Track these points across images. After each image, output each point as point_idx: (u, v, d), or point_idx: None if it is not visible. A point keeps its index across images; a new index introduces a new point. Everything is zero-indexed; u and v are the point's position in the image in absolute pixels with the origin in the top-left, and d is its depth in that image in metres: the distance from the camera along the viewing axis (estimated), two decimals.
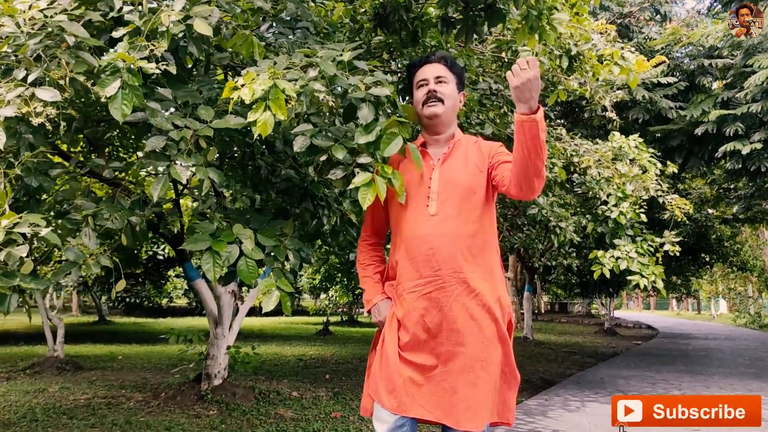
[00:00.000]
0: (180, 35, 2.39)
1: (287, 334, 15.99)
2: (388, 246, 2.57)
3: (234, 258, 2.47)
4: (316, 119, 2.42)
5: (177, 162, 2.35)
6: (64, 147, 6.83)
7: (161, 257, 15.22)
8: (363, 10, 4.06)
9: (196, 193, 3.53)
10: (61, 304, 31.14)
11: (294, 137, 2.39)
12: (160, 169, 2.30)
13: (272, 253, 2.64)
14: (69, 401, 6.08)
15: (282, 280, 2.52)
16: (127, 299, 17.25)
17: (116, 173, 2.85)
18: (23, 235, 1.95)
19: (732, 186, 14.38)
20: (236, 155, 3.10)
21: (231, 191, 2.76)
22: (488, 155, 2.33)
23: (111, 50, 2.19)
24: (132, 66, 2.12)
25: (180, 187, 4.79)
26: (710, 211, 16.58)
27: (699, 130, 9.25)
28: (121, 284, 2.39)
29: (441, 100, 2.32)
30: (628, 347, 14.64)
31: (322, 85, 2.18)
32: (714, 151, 9.44)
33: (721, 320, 34.75)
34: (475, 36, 4.15)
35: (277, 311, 27.90)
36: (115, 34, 2.22)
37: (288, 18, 3.06)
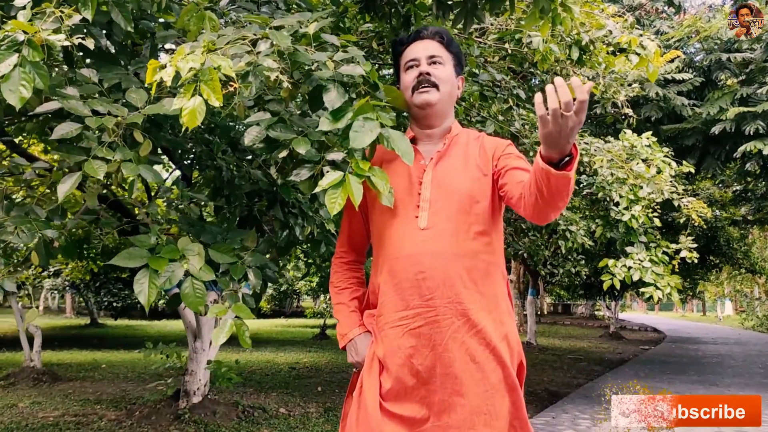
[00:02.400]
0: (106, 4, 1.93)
1: (282, 338, 15.53)
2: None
3: (177, 278, 2.00)
4: (276, 107, 1.95)
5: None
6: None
7: None
8: None
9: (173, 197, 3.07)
10: (56, 305, 30.82)
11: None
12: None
13: (228, 272, 2.17)
14: (37, 419, 5.63)
15: (238, 306, 2.06)
16: (114, 303, 16.81)
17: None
18: None
19: (741, 187, 13.88)
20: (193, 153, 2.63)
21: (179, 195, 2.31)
22: (493, 155, 1.85)
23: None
24: (33, 38, 1.65)
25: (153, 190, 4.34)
26: (717, 212, 16.10)
27: (716, 129, 8.72)
28: (32, 315, 1.92)
29: (435, 86, 1.84)
30: (636, 353, 14.15)
31: (275, 62, 1.70)
32: (732, 152, 8.91)
33: (728, 322, 34.21)
34: (476, 22, 3.68)
35: (278, 312, 27.47)
36: (18, 2, 1.75)
37: None
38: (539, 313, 31.46)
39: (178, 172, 4.09)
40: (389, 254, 1.81)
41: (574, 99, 1.35)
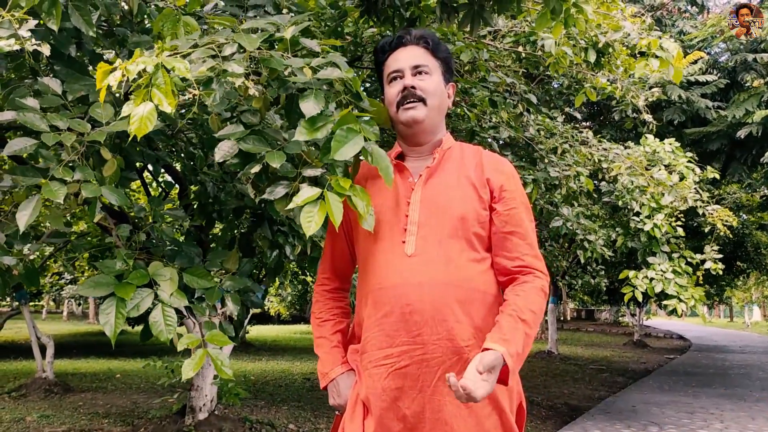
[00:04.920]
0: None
1: (301, 345, 15.39)
2: None
3: (146, 306, 1.85)
4: (250, 119, 1.79)
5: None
6: None
7: None
8: None
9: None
10: (81, 310, 31.13)
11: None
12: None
13: (204, 298, 2.00)
14: None
15: (213, 334, 1.89)
16: None
17: None
18: None
19: None
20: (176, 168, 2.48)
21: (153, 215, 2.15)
22: (489, 181, 1.66)
23: None
24: None
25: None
26: (744, 216, 15.64)
27: (742, 133, 8.39)
28: None
29: (422, 100, 1.65)
30: (661, 363, 13.75)
31: (241, 67, 1.54)
32: (759, 156, 8.56)
33: (756, 329, 33.38)
34: (483, 24, 3.49)
35: (298, 318, 27.34)
36: None
37: None
38: (562, 318, 30.98)
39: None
40: (373, 284, 1.63)
41: None
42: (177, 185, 3.40)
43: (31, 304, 9.05)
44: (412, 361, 1.56)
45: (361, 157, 1.61)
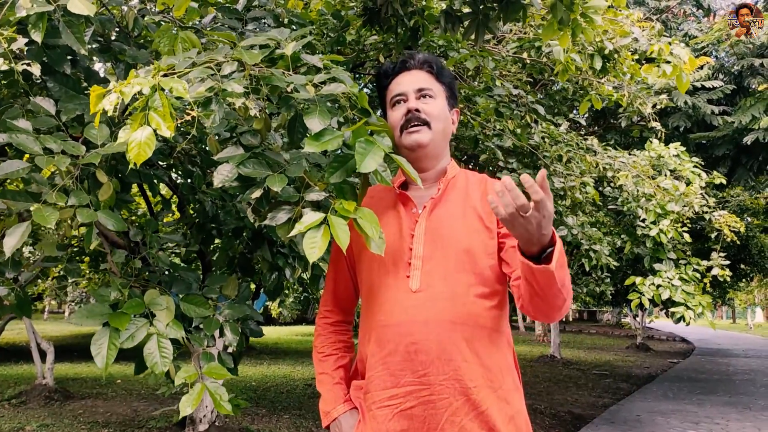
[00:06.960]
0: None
1: (303, 348, 15.32)
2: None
3: (141, 337, 1.78)
4: (251, 140, 1.71)
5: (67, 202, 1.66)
6: None
7: None
8: (351, 3, 3.34)
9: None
10: None
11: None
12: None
13: (201, 327, 1.93)
14: None
15: (212, 368, 1.82)
16: None
17: None
18: None
19: None
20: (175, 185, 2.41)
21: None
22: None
23: None
24: None
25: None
26: (748, 219, 15.53)
27: (748, 139, 8.31)
28: None
29: (426, 124, 1.59)
30: (664, 368, 13.66)
31: (241, 86, 1.47)
32: (765, 162, 8.49)
33: (759, 331, 33.33)
34: (488, 33, 3.42)
35: (300, 319, 27.28)
36: None
37: (240, 9, 2.38)
38: (564, 320, 30.86)
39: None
40: (377, 321, 1.56)
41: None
42: (177, 196, 3.34)
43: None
44: (418, 402, 1.49)
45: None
